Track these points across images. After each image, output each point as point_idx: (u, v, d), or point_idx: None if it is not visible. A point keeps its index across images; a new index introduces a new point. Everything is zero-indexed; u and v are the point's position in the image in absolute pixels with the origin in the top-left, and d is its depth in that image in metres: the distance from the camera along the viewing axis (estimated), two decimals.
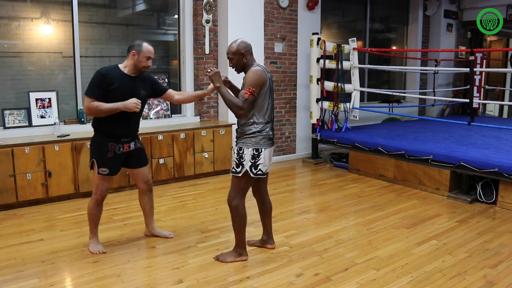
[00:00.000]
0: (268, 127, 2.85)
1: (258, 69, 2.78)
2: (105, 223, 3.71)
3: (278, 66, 6.08)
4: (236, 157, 2.84)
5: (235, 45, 2.80)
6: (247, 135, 2.81)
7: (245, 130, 2.81)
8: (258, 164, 2.80)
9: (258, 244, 3.21)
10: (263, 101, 2.80)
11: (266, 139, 2.83)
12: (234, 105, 2.74)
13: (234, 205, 2.86)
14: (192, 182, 5.08)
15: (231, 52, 2.81)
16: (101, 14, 5.16)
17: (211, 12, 5.47)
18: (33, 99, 4.53)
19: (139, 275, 2.79)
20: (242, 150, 2.81)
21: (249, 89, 2.71)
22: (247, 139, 2.81)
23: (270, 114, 2.86)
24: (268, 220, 3.15)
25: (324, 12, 6.68)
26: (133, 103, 2.84)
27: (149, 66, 2.98)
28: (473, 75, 5.42)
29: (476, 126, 5.71)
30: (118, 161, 3.05)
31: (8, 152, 3.96)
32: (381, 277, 2.79)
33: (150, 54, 2.95)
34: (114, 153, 2.99)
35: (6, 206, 4.03)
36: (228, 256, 2.99)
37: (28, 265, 2.92)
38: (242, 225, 2.91)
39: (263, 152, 2.80)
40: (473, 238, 3.46)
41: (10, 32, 4.53)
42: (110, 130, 2.97)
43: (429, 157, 4.69)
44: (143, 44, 2.95)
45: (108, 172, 2.99)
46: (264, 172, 2.85)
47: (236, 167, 2.83)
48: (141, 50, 2.92)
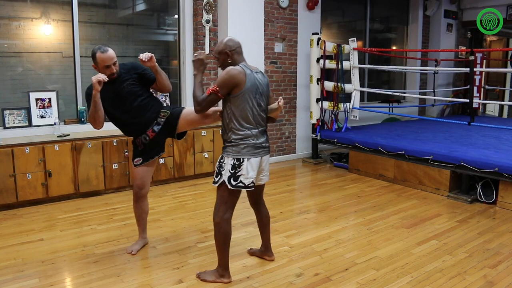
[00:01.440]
0: (254, 134, 2.56)
1: (234, 68, 2.52)
2: (105, 223, 3.72)
3: (278, 66, 6.08)
4: (216, 166, 2.62)
5: (221, 45, 2.62)
6: (228, 143, 2.58)
7: (226, 138, 2.59)
8: (239, 175, 2.52)
9: (258, 254, 3.07)
10: (241, 105, 2.52)
11: (251, 148, 2.54)
12: (194, 99, 2.57)
13: (216, 221, 2.59)
14: (192, 182, 5.08)
15: (217, 51, 2.64)
16: (101, 14, 5.16)
17: (211, 12, 5.47)
18: (33, 99, 4.54)
19: (139, 275, 2.79)
20: (223, 158, 2.59)
21: (213, 88, 2.51)
22: (228, 147, 2.57)
23: (256, 120, 2.58)
24: (265, 232, 2.97)
25: (324, 12, 6.68)
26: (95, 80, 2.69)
27: (113, 72, 2.81)
28: (473, 75, 5.42)
29: (476, 126, 5.71)
30: (151, 147, 3.03)
31: (8, 152, 3.96)
32: (381, 277, 2.79)
33: (105, 62, 2.77)
34: (143, 144, 2.99)
35: (6, 206, 4.03)
36: (208, 275, 2.73)
37: (28, 265, 2.92)
38: (224, 242, 2.62)
39: (245, 163, 2.53)
40: (473, 238, 3.45)
41: (10, 32, 4.53)
42: (126, 132, 3.04)
43: (429, 157, 4.69)
44: (96, 54, 2.77)
45: (141, 161, 3.01)
46: (246, 184, 2.55)
47: (215, 177, 2.60)
48: (97, 62, 2.79)
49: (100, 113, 2.80)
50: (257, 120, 2.60)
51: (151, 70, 2.93)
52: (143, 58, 2.79)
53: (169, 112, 3.02)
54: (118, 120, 2.98)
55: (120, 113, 2.92)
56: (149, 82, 2.99)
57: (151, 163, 3.07)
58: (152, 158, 3.05)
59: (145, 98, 2.96)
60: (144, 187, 3.07)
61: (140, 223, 3.20)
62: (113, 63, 2.81)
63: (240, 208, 4.17)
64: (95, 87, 2.71)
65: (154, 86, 3.01)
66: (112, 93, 2.87)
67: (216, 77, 5.61)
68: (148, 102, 2.96)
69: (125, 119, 2.93)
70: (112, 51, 2.82)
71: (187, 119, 2.99)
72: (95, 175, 4.42)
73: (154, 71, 2.89)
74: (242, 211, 4.04)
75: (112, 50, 2.82)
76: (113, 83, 2.84)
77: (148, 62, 2.79)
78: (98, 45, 2.82)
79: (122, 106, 2.90)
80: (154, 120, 2.97)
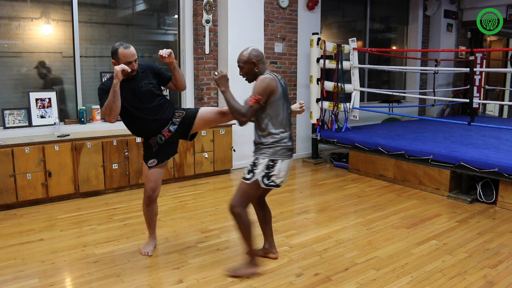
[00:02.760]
0: (286, 137, 2.72)
1: (267, 77, 2.65)
2: (105, 223, 3.72)
3: (278, 66, 6.08)
4: (249, 164, 2.71)
5: (247, 54, 2.69)
6: (265, 146, 2.69)
7: (263, 142, 2.69)
8: (272, 175, 2.66)
9: (261, 253, 3.06)
10: (276, 110, 2.67)
11: (285, 150, 2.70)
12: (237, 112, 2.62)
13: (236, 212, 2.68)
14: (192, 182, 5.08)
15: (242, 61, 2.70)
16: (101, 14, 5.16)
17: (211, 12, 5.47)
18: (33, 99, 4.54)
19: (139, 275, 2.79)
20: (258, 159, 2.69)
21: (255, 97, 2.59)
22: (265, 149, 2.68)
23: (286, 124, 2.74)
24: (269, 228, 3.04)
25: (324, 12, 6.68)
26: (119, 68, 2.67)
27: (134, 69, 2.81)
28: (473, 75, 5.41)
29: (476, 126, 5.71)
30: (166, 148, 2.99)
31: (8, 152, 3.96)
32: (381, 277, 2.79)
33: (127, 58, 2.76)
34: (158, 144, 2.95)
35: (6, 206, 4.03)
36: (241, 269, 2.81)
37: (28, 265, 2.92)
38: (249, 231, 2.74)
39: (278, 163, 2.67)
40: (473, 238, 3.46)
41: (10, 32, 4.53)
42: (140, 133, 3.01)
43: (429, 157, 4.69)
44: (119, 50, 2.76)
45: (156, 162, 2.96)
46: (277, 184, 2.71)
47: (247, 173, 2.69)
48: (118, 58, 2.77)
49: (118, 104, 2.72)
50: (287, 123, 2.76)
51: (167, 70, 2.93)
52: (163, 54, 2.78)
53: (184, 113, 3.00)
54: (133, 119, 2.91)
55: (139, 112, 2.88)
56: (164, 81, 2.99)
57: (163, 165, 3.04)
58: (167, 159, 3.02)
59: (161, 98, 2.95)
60: (157, 190, 3.03)
61: (151, 225, 3.17)
62: (134, 59, 2.81)
63: None
64: (117, 75, 2.67)
65: (170, 85, 3.00)
66: (130, 90, 2.84)
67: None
68: (164, 102, 2.96)
69: (143, 117, 2.89)
70: (133, 48, 2.83)
71: (205, 118, 2.99)
72: (95, 175, 4.42)
73: (172, 68, 2.88)
74: None
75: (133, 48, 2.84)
76: (131, 81, 2.84)
77: (167, 58, 2.79)
78: (119, 42, 2.83)
79: (140, 105, 2.87)
80: (170, 120, 2.96)
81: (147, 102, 2.89)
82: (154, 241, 3.21)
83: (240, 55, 2.72)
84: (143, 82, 2.89)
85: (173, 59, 2.83)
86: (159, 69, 3.00)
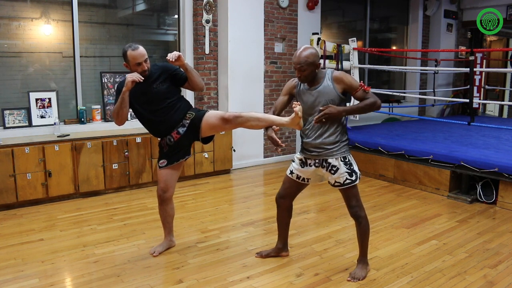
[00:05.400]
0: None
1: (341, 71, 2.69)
2: (105, 223, 3.72)
3: (278, 66, 6.08)
4: (345, 168, 2.66)
5: (311, 55, 2.53)
6: (344, 142, 2.71)
7: (342, 139, 2.69)
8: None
9: (273, 254, 3.06)
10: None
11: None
12: (370, 105, 2.59)
13: (364, 215, 2.73)
14: (192, 182, 5.08)
15: (306, 63, 2.52)
16: (101, 14, 5.16)
17: (211, 12, 5.47)
18: (33, 99, 4.54)
19: (139, 275, 2.79)
20: (347, 158, 2.69)
21: (362, 84, 2.58)
22: (344, 146, 2.71)
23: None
24: (288, 228, 3.06)
25: (324, 12, 6.68)
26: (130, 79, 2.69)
27: (145, 69, 2.78)
28: (473, 75, 5.41)
29: (476, 126, 5.71)
30: (176, 149, 2.97)
31: (8, 152, 3.96)
32: (381, 277, 2.79)
33: (136, 60, 2.74)
34: (168, 145, 2.95)
35: (6, 206, 4.03)
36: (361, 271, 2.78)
37: (28, 265, 2.92)
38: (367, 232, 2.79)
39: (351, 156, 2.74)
40: (473, 238, 3.45)
41: (10, 32, 4.53)
42: (152, 132, 3.02)
43: (429, 157, 4.69)
44: (127, 52, 2.75)
45: (166, 163, 2.95)
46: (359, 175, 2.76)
47: (349, 177, 2.66)
48: (128, 60, 2.77)
49: (125, 111, 2.77)
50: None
51: (182, 70, 2.91)
52: (170, 58, 2.76)
53: (194, 114, 2.94)
54: (144, 119, 2.94)
55: (147, 112, 2.88)
56: (181, 81, 2.96)
57: (176, 166, 3.01)
58: (177, 161, 2.99)
59: (174, 99, 2.91)
60: (168, 190, 3.02)
61: (165, 226, 3.16)
62: (144, 60, 2.79)
63: (240, 208, 4.18)
64: (127, 85, 2.69)
65: (186, 85, 2.97)
66: (142, 91, 2.83)
67: (216, 77, 5.61)
68: (176, 103, 2.92)
69: (152, 118, 2.89)
70: (142, 48, 2.80)
71: (209, 122, 2.91)
72: (95, 175, 4.42)
73: (184, 70, 2.86)
74: (242, 211, 4.04)
75: (143, 48, 2.81)
76: (144, 81, 2.80)
77: (176, 61, 2.77)
78: (128, 44, 2.81)
79: (149, 106, 2.87)
80: (180, 122, 2.92)
81: (156, 103, 2.87)
82: (168, 243, 3.19)
83: (301, 56, 2.53)
84: (155, 83, 2.87)
85: (183, 61, 2.80)
86: (175, 70, 2.95)
